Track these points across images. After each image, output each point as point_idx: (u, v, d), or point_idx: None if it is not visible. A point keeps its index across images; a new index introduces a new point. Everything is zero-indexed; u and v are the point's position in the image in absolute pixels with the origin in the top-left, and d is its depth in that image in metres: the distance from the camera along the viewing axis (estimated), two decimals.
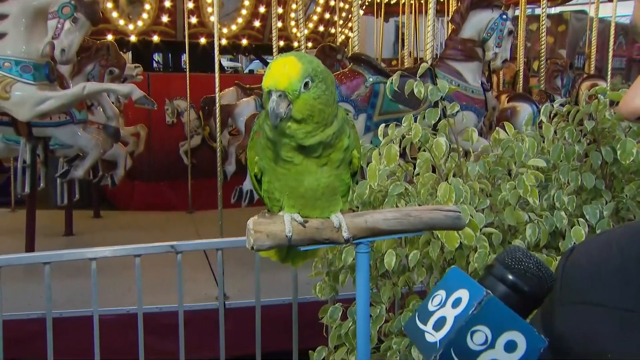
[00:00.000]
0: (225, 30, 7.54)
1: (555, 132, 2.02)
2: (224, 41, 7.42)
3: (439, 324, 0.69)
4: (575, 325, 0.72)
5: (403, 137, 1.90)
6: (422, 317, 0.72)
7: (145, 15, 7.27)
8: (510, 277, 0.69)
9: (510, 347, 0.66)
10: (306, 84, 1.05)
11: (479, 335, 0.66)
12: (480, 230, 1.74)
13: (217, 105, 4.38)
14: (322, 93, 1.07)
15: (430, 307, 0.72)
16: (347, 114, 1.18)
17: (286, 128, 1.07)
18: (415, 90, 1.93)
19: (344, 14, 8.44)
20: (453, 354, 0.66)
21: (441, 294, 0.72)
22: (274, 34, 4.99)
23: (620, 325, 0.67)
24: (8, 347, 2.48)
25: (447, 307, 0.70)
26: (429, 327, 0.70)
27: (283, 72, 1.05)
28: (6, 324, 2.48)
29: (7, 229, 5.34)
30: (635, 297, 0.68)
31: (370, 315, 1.74)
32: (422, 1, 8.63)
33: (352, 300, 1.52)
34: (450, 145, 1.91)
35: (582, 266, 0.75)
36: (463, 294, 0.69)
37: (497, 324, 0.66)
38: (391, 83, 2.04)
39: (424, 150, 1.93)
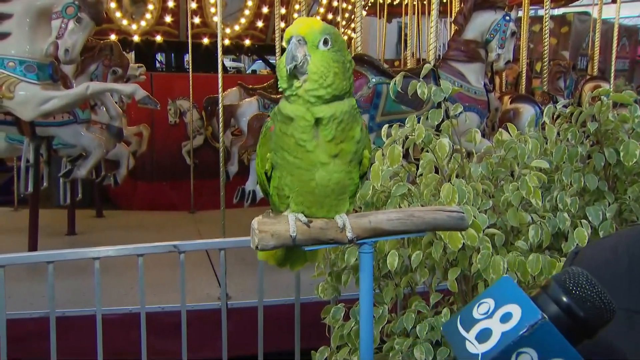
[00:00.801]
0: (228, 31, 7.54)
1: (558, 133, 2.02)
2: (226, 41, 7.41)
3: (483, 336, 0.66)
4: None
5: (406, 137, 1.90)
6: (465, 322, 0.69)
7: (148, 16, 7.28)
8: (565, 299, 0.65)
9: None
10: (326, 42, 1.05)
11: (525, 358, 0.63)
12: (483, 231, 1.74)
13: (220, 105, 4.38)
14: (340, 61, 1.08)
15: (476, 315, 0.68)
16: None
17: (299, 88, 1.07)
18: (419, 91, 1.93)
19: (346, 15, 8.44)
20: None
21: (489, 302, 0.68)
22: (277, 34, 4.99)
23: (627, 326, 0.67)
24: (11, 346, 2.49)
25: (494, 319, 0.66)
26: (471, 336, 0.67)
27: (305, 22, 1.07)
28: (9, 323, 2.48)
29: (10, 228, 5.33)
30: None
31: (373, 316, 1.75)
32: (425, 2, 8.62)
33: (355, 300, 1.52)
34: (453, 146, 1.91)
35: (587, 268, 0.75)
36: (514, 310, 0.65)
37: (546, 349, 0.63)
38: (394, 84, 2.05)
39: (427, 151, 1.93)
